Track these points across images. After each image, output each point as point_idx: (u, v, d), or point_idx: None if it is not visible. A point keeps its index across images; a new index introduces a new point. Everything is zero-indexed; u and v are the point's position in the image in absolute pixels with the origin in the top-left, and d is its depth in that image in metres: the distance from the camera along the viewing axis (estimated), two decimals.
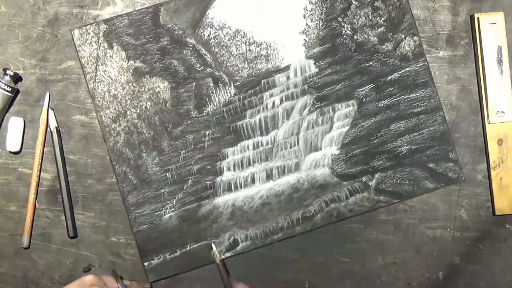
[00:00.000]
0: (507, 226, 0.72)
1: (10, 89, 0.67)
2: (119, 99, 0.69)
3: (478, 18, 0.71)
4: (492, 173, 0.71)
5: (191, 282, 0.69)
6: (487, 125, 0.71)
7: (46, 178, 0.69)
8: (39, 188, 0.69)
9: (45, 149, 0.69)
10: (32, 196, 0.68)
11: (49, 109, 0.69)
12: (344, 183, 0.70)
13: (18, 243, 0.69)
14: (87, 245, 0.69)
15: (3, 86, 0.67)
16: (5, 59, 0.69)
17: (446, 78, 0.72)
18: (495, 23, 0.71)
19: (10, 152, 0.69)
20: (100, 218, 0.69)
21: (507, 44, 0.71)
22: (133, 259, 0.69)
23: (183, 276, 0.69)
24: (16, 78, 0.68)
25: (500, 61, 0.71)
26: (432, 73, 0.71)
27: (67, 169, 0.69)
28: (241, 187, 0.70)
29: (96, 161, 0.70)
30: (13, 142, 0.68)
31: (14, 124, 0.68)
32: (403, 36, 0.71)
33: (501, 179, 0.71)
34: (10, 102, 0.68)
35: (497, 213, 0.71)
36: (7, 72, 0.67)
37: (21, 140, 0.69)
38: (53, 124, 0.68)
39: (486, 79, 0.71)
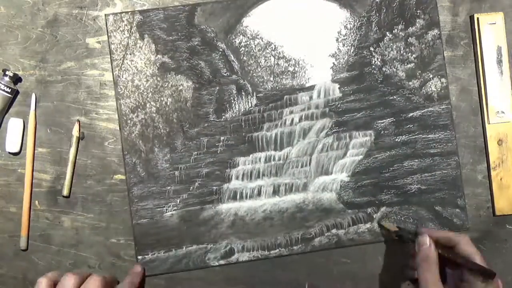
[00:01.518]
0: (507, 226, 0.72)
1: (10, 90, 0.67)
2: (141, 91, 0.69)
3: (477, 19, 0.71)
4: (492, 173, 0.71)
5: (190, 282, 0.69)
6: (487, 125, 0.71)
7: (45, 179, 0.69)
8: (39, 190, 0.69)
9: (45, 149, 0.69)
10: (27, 198, 0.68)
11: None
12: (349, 211, 0.70)
13: (17, 245, 0.69)
14: (86, 246, 0.69)
15: (2, 87, 0.67)
16: (4, 60, 0.69)
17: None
18: (494, 23, 0.71)
19: (9, 153, 0.69)
20: (100, 219, 0.69)
21: (506, 44, 0.71)
22: (133, 260, 0.69)
23: (183, 276, 0.69)
24: (16, 79, 0.68)
25: (500, 61, 0.71)
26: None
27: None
28: (246, 197, 0.70)
29: (96, 162, 0.69)
30: (12, 143, 0.68)
31: (14, 125, 0.68)
32: (431, 76, 0.71)
33: (501, 179, 0.71)
34: (9, 103, 0.68)
35: (497, 213, 0.71)
36: (7, 73, 0.67)
37: (20, 141, 0.69)
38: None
39: (486, 79, 0.71)
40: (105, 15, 0.69)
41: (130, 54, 0.69)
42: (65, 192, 0.68)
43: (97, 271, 0.69)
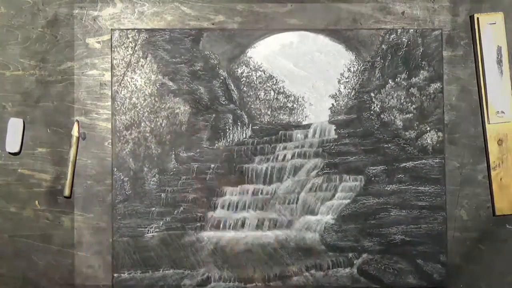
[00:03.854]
0: (507, 226, 0.72)
1: None
2: (137, 109, 0.69)
3: (477, 18, 0.71)
4: (492, 173, 0.71)
5: None
6: (487, 125, 0.71)
7: (45, 179, 0.69)
8: (39, 190, 0.69)
9: (45, 149, 0.69)
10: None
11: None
12: (330, 253, 0.70)
13: (17, 244, 0.69)
14: (86, 246, 0.69)
15: None
16: (4, 60, 0.69)
17: (446, 78, 0.72)
18: (494, 23, 0.71)
19: (9, 153, 0.69)
20: (100, 219, 0.69)
21: (506, 44, 0.71)
22: None
23: None
24: None
25: (499, 61, 0.70)
26: None
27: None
28: (229, 228, 0.69)
29: (96, 162, 0.69)
30: (12, 143, 0.68)
31: (14, 125, 0.68)
32: (428, 129, 0.71)
33: (501, 179, 0.71)
34: None
35: (497, 213, 0.71)
36: None
37: (20, 141, 0.68)
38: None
39: (486, 79, 0.71)
40: (111, 29, 0.69)
41: (131, 72, 0.69)
42: (66, 192, 0.68)
43: (98, 271, 0.69)
